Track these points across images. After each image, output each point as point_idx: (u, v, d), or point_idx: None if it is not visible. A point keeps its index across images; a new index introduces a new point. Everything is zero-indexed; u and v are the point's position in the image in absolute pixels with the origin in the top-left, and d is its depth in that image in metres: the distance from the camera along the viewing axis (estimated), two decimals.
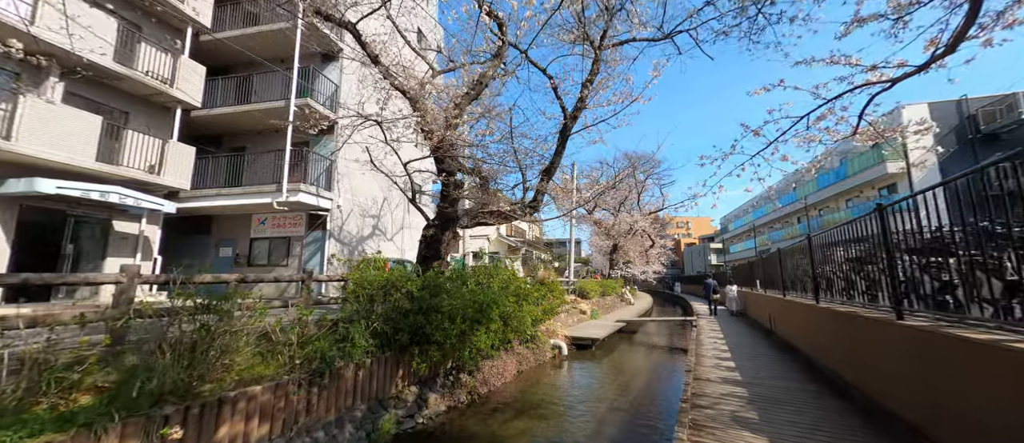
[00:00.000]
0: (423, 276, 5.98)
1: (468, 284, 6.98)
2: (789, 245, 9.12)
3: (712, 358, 7.14)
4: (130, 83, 10.04)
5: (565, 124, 8.72)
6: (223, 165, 11.89)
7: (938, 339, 3.20)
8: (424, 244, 7.40)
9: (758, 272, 13.71)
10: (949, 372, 3.08)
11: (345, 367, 4.41)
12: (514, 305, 7.62)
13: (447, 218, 7.31)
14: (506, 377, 7.19)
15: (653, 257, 32.92)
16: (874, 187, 23.48)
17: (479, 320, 6.01)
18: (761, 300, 11.90)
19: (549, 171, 8.88)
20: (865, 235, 4.65)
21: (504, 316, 7.12)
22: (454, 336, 5.45)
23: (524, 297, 8.13)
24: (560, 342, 9.64)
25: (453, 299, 5.54)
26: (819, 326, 6.20)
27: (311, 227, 12.00)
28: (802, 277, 7.82)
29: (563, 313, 13.26)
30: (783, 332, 8.72)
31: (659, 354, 11.25)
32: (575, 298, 16.19)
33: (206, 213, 12.38)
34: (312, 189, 11.19)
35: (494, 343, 6.48)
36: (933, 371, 3.29)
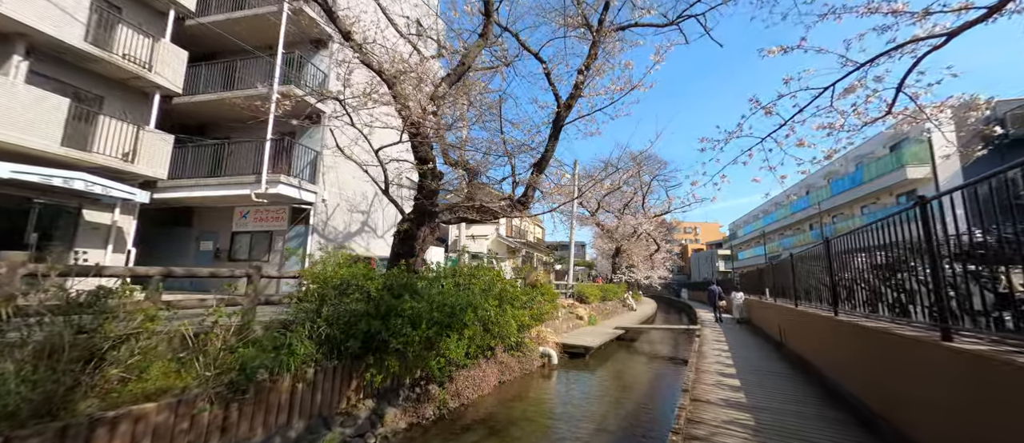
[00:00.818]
0: (386, 274, 5.32)
1: (444, 284, 6.32)
2: (802, 251, 8.32)
3: (714, 374, 6.38)
4: (104, 66, 9.59)
5: (558, 113, 8.04)
6: (204, 155, 11.40)
7: (1001, 368, 2.47)
8: (397, 240, 6.76)
9: (768, 280, 12.85)
10: (1010, 406, 2.34)
11: (278, 378, 3.76)
12: (496, 309, 6.95)
13: (424, 212, 6.67)
14: (484, 389, 6.50)
15: (658, 262, 31.98)
16: (892, 193, 22.38)
17: (450, 325, 5.35)
18: (770, 310, 11.05)
19: (541, 164, 8.20)
20: (896, 238, 3.91)
21: (484, 321, 6.45)
22: (418, 343, 4.78)
23: (509, 300, 7.45)
24: (549, 350, 8.93)
25: (418, 302, 4.87)
26: (838, 342, 5.42)
27: (294, 221, 11.46)
28: (818, 286, 7.02)
29: (558, 318, 12.54)
30: (795, 346, 7.91)
31: (659, 365, 10.46)
32: (572, 302, 15.44)
33: (186, 205, 11.93)
34: (293, 181, 10.64)
35: (469, 351, 5.80)
36: (989, 405, 2.56)
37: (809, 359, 6.91)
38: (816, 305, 7.09)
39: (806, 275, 7.95)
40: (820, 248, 6.51)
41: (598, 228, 25.70)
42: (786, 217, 35.01)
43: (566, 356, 9.98)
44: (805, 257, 7.79)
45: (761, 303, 12.91)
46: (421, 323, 4.88)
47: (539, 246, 31.70)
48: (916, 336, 3.43)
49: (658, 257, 31.50)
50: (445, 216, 7.38)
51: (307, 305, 4.66)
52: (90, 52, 9.12)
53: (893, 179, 21.11)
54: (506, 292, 7.53)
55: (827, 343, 5.88)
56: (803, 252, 7.99)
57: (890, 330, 3.82)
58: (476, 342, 6.16)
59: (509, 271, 9.59)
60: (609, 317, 18.20)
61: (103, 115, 9.55)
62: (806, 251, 7.66)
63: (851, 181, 25.14)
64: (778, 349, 9.21)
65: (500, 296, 7.38)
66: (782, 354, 8.48)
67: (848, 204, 25.83)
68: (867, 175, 23.38)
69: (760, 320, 12.78)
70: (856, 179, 24.70)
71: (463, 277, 7.38)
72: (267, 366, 3.56)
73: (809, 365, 6.88)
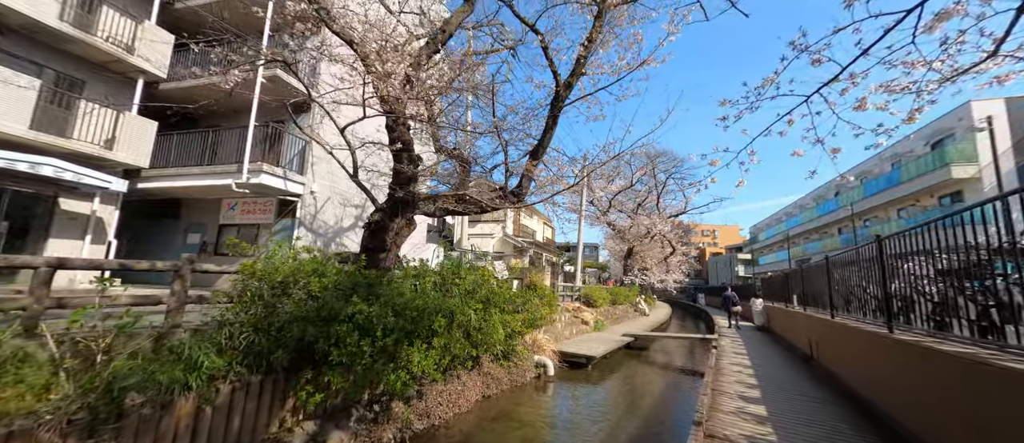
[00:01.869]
0: (337, 271, 4.51)
1: (419, 284, 5.48)
2: (839, 253, 7.16)
3: (734, 398, 5.34)
4: (83, 47, 9.16)
5: (557, 93, 7.13)
6: (191, 144, 10.92)
7: None
8: (367, 233, 5.98)
9: (795, 286, 11.58)
10: None
11: (172, 400, 2.99)
12: (481, 313, 6.08)
13: (398, 202, 5.86)
14: (462, 406, 5.64)
15: (674, 265, 30.52)
16: (933, 195, 20.54)
17: (416, 332, 4.50)
18: (798, 320, 9.83)
19: (537, 151, 7.31)
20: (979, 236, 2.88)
21: (464, 326, 5.58)
22: (369, 355, 3.95)
23: (497, 303, 6.57)
24: (545, 359, 8.00)
25: (371, 305, 4.04)
26: (896, 367, 4.34)
27: (281, 214, 10.86)
28: (862, 295, 5.90)
29: (559, 323, 11.59)
30: (830, 363, 6.77)
31: (672, 378, 9.40)
32: (578, 306, 14.44)
33: (173, 196, 11.48)
34: (278, 171, 10.02)
35: (441, 362, 4.95)
36: None
37: (849, 381, 5.80)
38: (859, 317, 5.96)
39: (845, 281, 6.82)
40: (866, 250, 5.41)
41: (610, 228, 24.54)
42: (812, 220, 33.01)
43: (565, 366, 9.03)
44: (844, 261, 6.64)
45: (786, 311, 11.65)
46: (376, 330, 4.05)
47: (549, 246, 30.68)
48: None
49: (673, 260, 30.05)
50: (426, 207, 6.56)
51: (239, 307, 3.89)
52: (65, 32, 8.68)
53: (935, 179, 19.31)
54: (494, 294, 6.65)
55: (878, 366, 4.78)
56: (842, 255, 6.84)
57: (991, 362, 2.77)
58: (452, 351, 5.31)
59: (503, 270, 8.69)
60: (619, 322, 17.10)
61: (82, 100, 9.13)
62: (845, 253, 6.52)
63: (887, 181, 23.29)
64: (807, 364, 8.04)
65: (486, 299, 6.52)
66: (813, 372, 7.34)
67: (883, 206, 23.96)
68: (906, 175, 21.55)
69: (784, 330, 11.53)
70: (893, 179, 22.84)
71: (447, 276, 6.55)
72: (151, 384, 2.79)
73: (848, 386, 5.77)
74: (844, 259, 6.55)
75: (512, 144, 8.16)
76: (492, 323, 6.17)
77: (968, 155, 18.13)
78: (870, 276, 5.42)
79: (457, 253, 15.85)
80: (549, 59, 7.02)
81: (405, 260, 7.37)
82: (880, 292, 5.18)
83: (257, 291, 3.90)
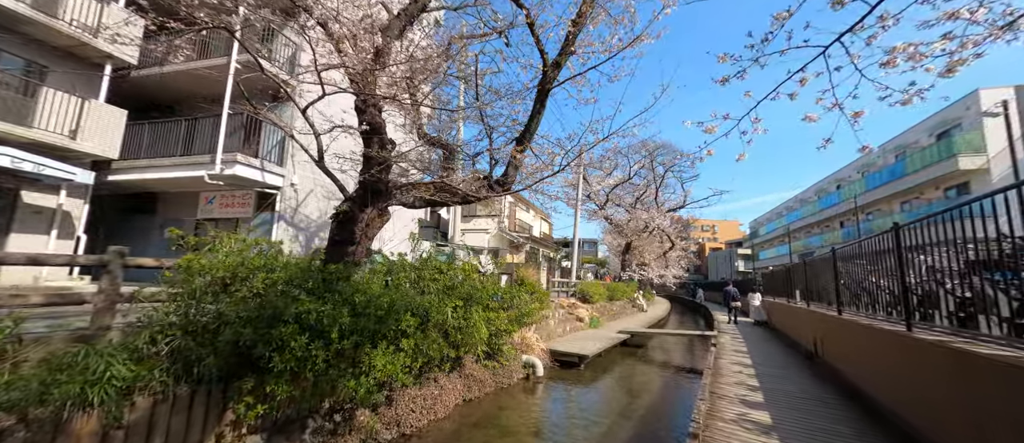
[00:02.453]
0: (293, 265, 4.03)
1: (391, 280, 5.01)
2: (845, 246, 6.69)
3: (735, 402, 4.89)
4: (43, 30, 8.61)
5: (545, 74, 6.61)
6: (165, 133, 10.39)
7: None
8: (335, 224, 5.48)
9: (797, 280, 11.13)
10: None
11: (71, 418, 2.52)
12: (461, 311, 5.62)
13: (370, 191, 5.37)
14: (439, 411, 5.17)
15: (673, 260, 30.10)
16: (938, 187, 20.05)
17: (381, 333, 4.03)
18: (801, 316, 9.38)
19: (524, 137, 6.80)
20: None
21: (441, 325, 5.12)
22: (323, 360, 3.48)
23: (479, 300, 6.11)
24: (534, 359, 7.54)
25: (323, 303, 3.57)
26: (914, 369, 3.87)
27: (260, 208, 10.37)
28: (874, 290, 5.43)
29: (552, 320, 11.14)
30: (836, 361, 6.32)
31: (669, 377, 8.95)
32: (573, 302, 14.00)
33: (148, 188, 10.98)
34: (254, 162, 9.52)
35: (411, 365, 4.48)
36: None
37: (857, 381, 5.34)
38: (870, 314, 5.50)
39: (853, 275, 6.36)
40: (880, 240, 4.93)
41: (607, 222, 24.07)
42: (813, 214, 32.56)
43: (557, 365, 8.58)
44: (853, 253, 6.16)
45: (788, 307, 11.21)
46: (331, 331, 3.57)
47: (546, 242, 30.19)
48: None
49: (672, 255, 29.61)
50: (402, 196, 6.07)
51: (171, 305, 3.42)
52: (24, 14, 8.14)
53: (941, 170, 18.81)
54: (476, 290, 6.19)
55: (895, 368, 4.32)
56: (851, 246, 6.36)
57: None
58: (426, 353, 4.84)
59: (488, 264, 8.21)
60: (616, 319, 16.68)
61: (45, 87, 8.61)
62: (855, 245, 6.04)
63: (891, 174, 22.80)
64: (810, 362, 7.60)
65: (467, 295, 6.05)
66: (818, 371, 6.89)
67: (886, 199, 23.49)
68: (910, 167, 21.05)
69: (786, 326, 11.09)
70: (896, 171, 22.35)
71: (427, 271, 6.08)
72: (31, 400, 2.32)
73: (856, 387, 5.32)
74: (853, 251, 6.06)
75: (497, 131, 7.66)
76: (474, 322, 5.72)
77: (976, 145, 17.63)
78: (884, 269, 4.96)
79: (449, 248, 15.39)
80: (536, 36, 6.49)
81: (392, 255, 6.90)
82: (896, 286, 4.71)
83: (192, 289, 3.42)
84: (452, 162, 7.60)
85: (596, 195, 23.26)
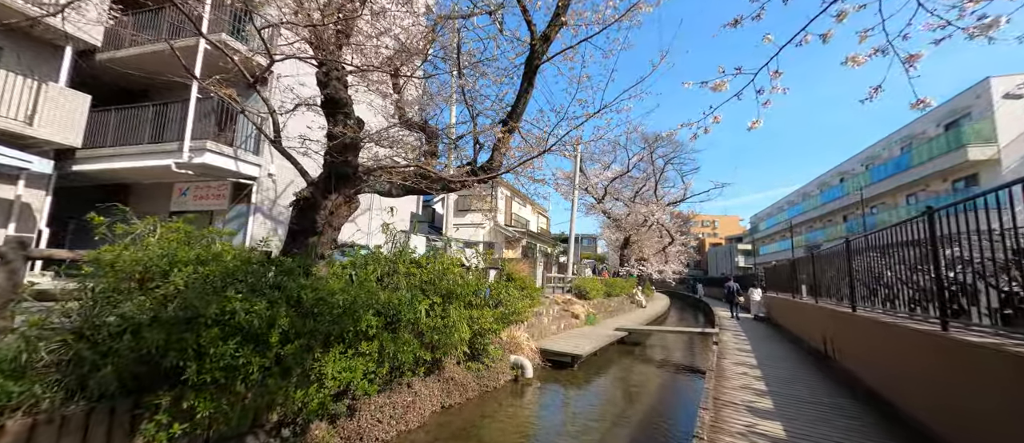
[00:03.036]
0: (215, 256, 3.46)
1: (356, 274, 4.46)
2: (861, 236, 6.12)
3: (741, 409, 4.35)
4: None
5: (533, 48, 6.03)
6: (134, 119, 9.77)
7: None
8: (296, 212, 4.92)
9: (804, 274, 10.59)
10: None
11: None
12: (438, 309, 5.07)
13: (335, 175, 4.79)
14: (411, 421, 4.62)
15: (672, 255, 29.58)
16: (946, 179, 19.47)
17: (336, 335, 3.47)
18: (808, 312, 8.85)
19: (511, 118, 6.23)
20: None
21: (415, 326, 4.57)
22: (260, 367, 2.92)
23: (461, 297, 5.55)
24: (523, 360, 7.00)
25: (258, 301, 3.00)
26: (953, 373, 3.32)
27: (235, 200, 9.79)
28: (896, 284, 4.87)
29: (547, 317, 10.60)
30: (850, 363, 5.78)
31: (668, 377, 8.42)
32: (569, 298, 13.46)
33: (118, 179, 10.39)
34: (226, 150, 8.92)
35: (374, 371, 3.93)
36: None
37: (876, 385, 4.80)
38: (891, 311, 4.95)
39: (871, 268, 5.81)
40: (903, 229, 4.37)
41: (605, 216, 23.50)
42: (816, 208, 31.97)
43: (548, 365, 8.04)
44: (871, 244, 5.60)
45: (793, 303, 10.67)
46: (270, 334, 3.01)
47: (543, 237, 29.64)
48: None
49: (672, 250, 29.08)
50: (376, 183, 5.49)
51: (74, 305, 2.85)
52: None
53: (949, 162, 18.22)
54: (456, 287, 5.63)
55: (927, 372, 3.76)
56: (867, 237, 5.79)
57: None
58: (395, 357, 4.29)
59: (473, 258, 7.65)
60: (613, 315, 16.16)
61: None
62: (873, 234, 5.46)
63: (896, 166, 22.20)
64: (823, 364, 7.06)
65: (447, 292, 5.50)
66: (829, 371, 6.35)
67: (891, 192, 22.90)
68: (917, 158, 20.45)
69: (791, 323, 10.56)
70: (902, 164, 21.75)
71: (402, 265, 5.51)
72: None
73: (874, 391, 4.78)
74: (873, 241, 5.49)
75: (484, 114, 7.08)
76: (453, 321, 5.16)
77: (986, 136, 17.03)
78: (911, 260, 4.40)
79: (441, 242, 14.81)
80: (523, 6, 5.89)
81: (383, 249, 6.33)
82: (925, 280, 4.16)
83: (95, 285, 2.85)
84: (433, 146, 7.01)
85: (594, 188, 22.68)
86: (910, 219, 4.17)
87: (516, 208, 26.90)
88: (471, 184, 6.44)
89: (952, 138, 18.30)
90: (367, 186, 5.48)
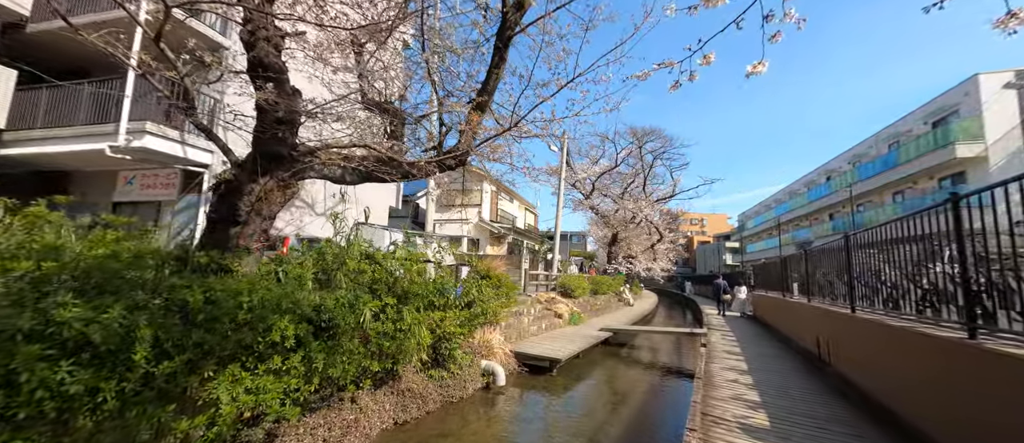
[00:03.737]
0: (45, 249, 2.72)
1: (284, 271, 3.74)
2: (866, 230, 5.61)
3: (735, 429, 3.77)
4: None
5: (505, 17, 5.37)
6: (69, 98, 8.80)
7: None
8: (215, 198, 4.18)
9: (794, 272, 10.16)
10: None
11: None
12: (392, 311, 4.40)
13: (264, 154, 4.06)
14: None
15: (661, 253, 29.26)
16: (933, 176, 19.39)
17: (245, 348, 2.77)
18: (800, 313, 8.38)
19: (483, 95, 5.55)
20: None
21: (361, 332, 3.88)
22: (118, 394, 2.20)
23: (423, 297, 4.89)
24: (494, 365, 6.35)
25: (97, 310, 2.27)
26: (987, 390, 2.76)
27: (185, 190, 8.92)
28: (904, 283, 4.35)
29: (528, 318, 9.98)
30: (850, 370, 5.26)
31: (655, 381, 7.88)
32: (552, 297, 12.87)
33: (54, 165, 9.42)
34: (171, 133, 8.05)
35: (297, 391, 3.24)
36: None
37: (881, 397, 4.27)
38: (896, 313, 4.42)
39: (873, 266, 5.30)
40: (917, 221, 3.83)
41: (593, 212, 22.98)
42: (803, 206, 31.99)
43: (525, 370, 7.42)
44: (876, 239, 5.07)
45: (784, 302, 10.25)
46: (136, 350, 2.29)
47: (530, 233, 29.01)
48: None
49: (661, 248, 28.76)
50: (318, 166, 4.75)
51: None
52: None
53: (937, 159, 18.11)
54: (414, 285, 4.95)
55: (947, 385, 3.22)
56: (871, 232, 5.26)
57: None
58: (327, 372, 3.60)
59: (441, 255, 6.94)
60: (600, 314, 15.64)
61: None
62: (880, 228, 4.93)
63: (883, 163, 22.12)
64: (814, 366, 6.57)
65: (404, 292, 4.81)
66: (826, 379, 5.85)
67: (877, 190, 22.86)
68: (904, 156, 20.36)
69: (782, 322, 10.13)
70: (889, 161, 21.67)
71: (351, 262, 4.80)
72: None
73: (878, 403, 4.25)
74: (880, 236, 4.96)
75: (454, 94, 6.39)
76: (408, 325, 4.48)
77: (974, 133, 16.92)
78: (926, 258, 3.86)
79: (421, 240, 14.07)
80: None
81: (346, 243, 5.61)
82: (942, 280, 3.62)
83: None
84: (397, 128, 6.28)
85: (582, 184, 22.12)
86: (928, 208, 3.62)
87: (503, 204, 26.22)
88: (434, 170, 5.75)
89: (940, 135, 18.18)
90: (312, 170, 4.74)
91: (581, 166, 21.85)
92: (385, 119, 6.46)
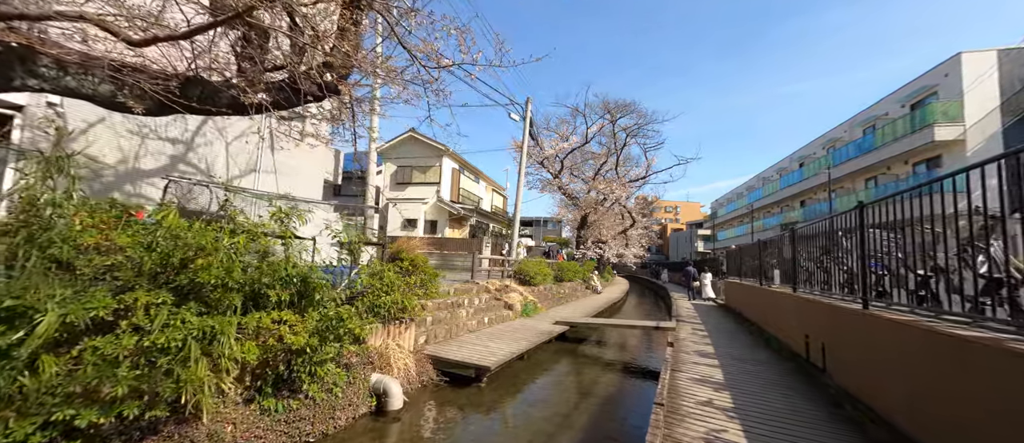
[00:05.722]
0: None
1: None
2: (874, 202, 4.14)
3: None
4: None
5: None
6: None
7: None
8: None
9: (772, 258, 8.90)
10: None
11: None
12: (164, 315, 2.48)
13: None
14: None
15: (634, 239, 28.25)
16: (907, 161, 18.83)
17: None
18: (783, 305, 7.04)
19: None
20: None
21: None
22: None
23: (231, 291, 3.03)
24: (387, 382, 4.59)
25: None
26: None
27: None
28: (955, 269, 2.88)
29: (466, 311, 8.30)
30: (859, 385, 3.81)
31: (611, 389, 6.38)
32: (506, 285, 11.24)
33: None
34: None
35: None
36: None
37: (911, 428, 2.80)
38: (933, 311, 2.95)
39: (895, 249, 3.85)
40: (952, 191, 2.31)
41: (561, 193, 21.41)
42: (775, 193, 31.63)
43: (444, 381, 5.73)
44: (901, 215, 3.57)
45: (761, 290, 8.99)
46: None
47: (497, 216, 27.27)
48: None
49: (633, 233, 27.72)
50: (77, 80, 2.79)
51: None
52: None
53: (915, 142, 17.44)
54: (263, 275, 3.09)
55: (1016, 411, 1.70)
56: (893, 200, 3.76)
57: None
58: None
59: (321, 228, 5.01)
60: (562, 303, 14.18)
61: None
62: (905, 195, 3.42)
63: (858, 148, 21.54)
64: (811, 379, 5.18)
65: (191, 283, 2.94)
66: (826, 392, 4.44)
67: (849, 176, 22.33)
68: (880, 140, 19.72)
69: (759, 314, 8.88)
70: (864, 146, 21.08)
71: (89, 237, 2.89)
72: None
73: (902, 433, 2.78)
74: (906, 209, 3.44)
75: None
76: (184, 335, 2.64)
77: (953, 115, 16.25)
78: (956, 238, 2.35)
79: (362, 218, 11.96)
80: None
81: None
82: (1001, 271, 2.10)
83: None
84: (265, 46, 4.26)
85: (550, 162, 20.45)
86: (990, 159, 2.06)
87: (467, 183, 24.28)
88: (290, 100, 3.85)
89: (918, 117, 17.50)
90: (35, 80, 2.76)
91: (550, 142, 20.15)
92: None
